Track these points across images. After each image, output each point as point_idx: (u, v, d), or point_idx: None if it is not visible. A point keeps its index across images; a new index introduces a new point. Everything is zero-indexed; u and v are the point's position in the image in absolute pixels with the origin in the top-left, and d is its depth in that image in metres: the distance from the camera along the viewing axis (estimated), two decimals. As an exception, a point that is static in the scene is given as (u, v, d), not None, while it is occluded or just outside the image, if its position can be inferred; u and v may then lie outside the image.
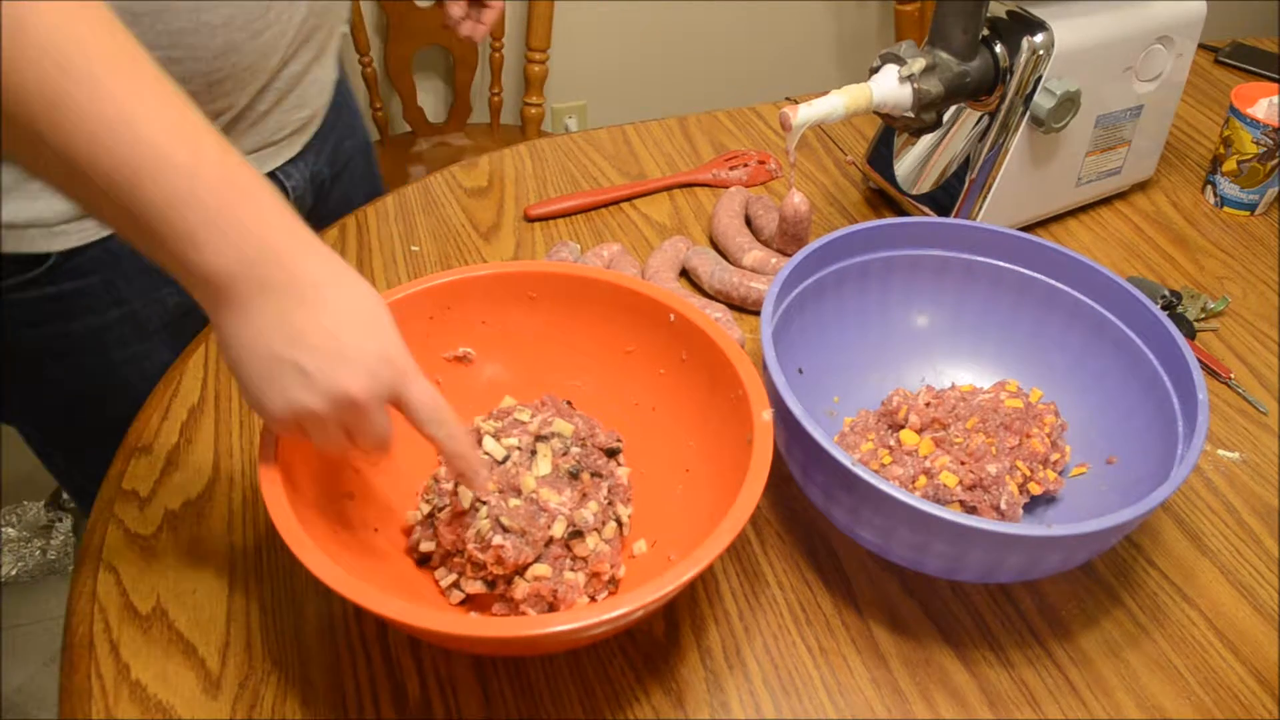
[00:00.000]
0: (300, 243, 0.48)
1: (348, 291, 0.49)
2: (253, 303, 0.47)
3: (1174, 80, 0.93)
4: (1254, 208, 0.99)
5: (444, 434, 0.53)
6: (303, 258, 0.48)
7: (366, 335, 0.49)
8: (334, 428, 0.50)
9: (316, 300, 0.48)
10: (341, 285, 0.49)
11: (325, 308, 0.48)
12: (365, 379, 0.48)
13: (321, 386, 0.48)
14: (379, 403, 0.50)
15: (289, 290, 0.47)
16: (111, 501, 0.68)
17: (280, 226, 0.47)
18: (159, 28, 0.64)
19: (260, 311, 0.47)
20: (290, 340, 0.47)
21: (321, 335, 0.48)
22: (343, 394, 0.48)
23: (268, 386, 0.48)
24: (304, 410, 0.49)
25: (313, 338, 0.48)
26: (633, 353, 0.68)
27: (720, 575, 0.65)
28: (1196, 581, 0.65)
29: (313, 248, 0.49)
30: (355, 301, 0.49)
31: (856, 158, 1.05)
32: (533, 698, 0.58)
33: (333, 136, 0.90)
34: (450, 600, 0.60)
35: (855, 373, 0.74)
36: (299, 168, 0.86)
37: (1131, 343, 0.68)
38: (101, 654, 0.59)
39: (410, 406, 0.51)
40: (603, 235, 0.94)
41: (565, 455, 0.62)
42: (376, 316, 0.50)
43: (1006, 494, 0.63)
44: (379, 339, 0.50)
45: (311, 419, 0.49)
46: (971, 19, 0.81)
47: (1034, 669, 0.60)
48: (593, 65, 2.12)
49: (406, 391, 0.50)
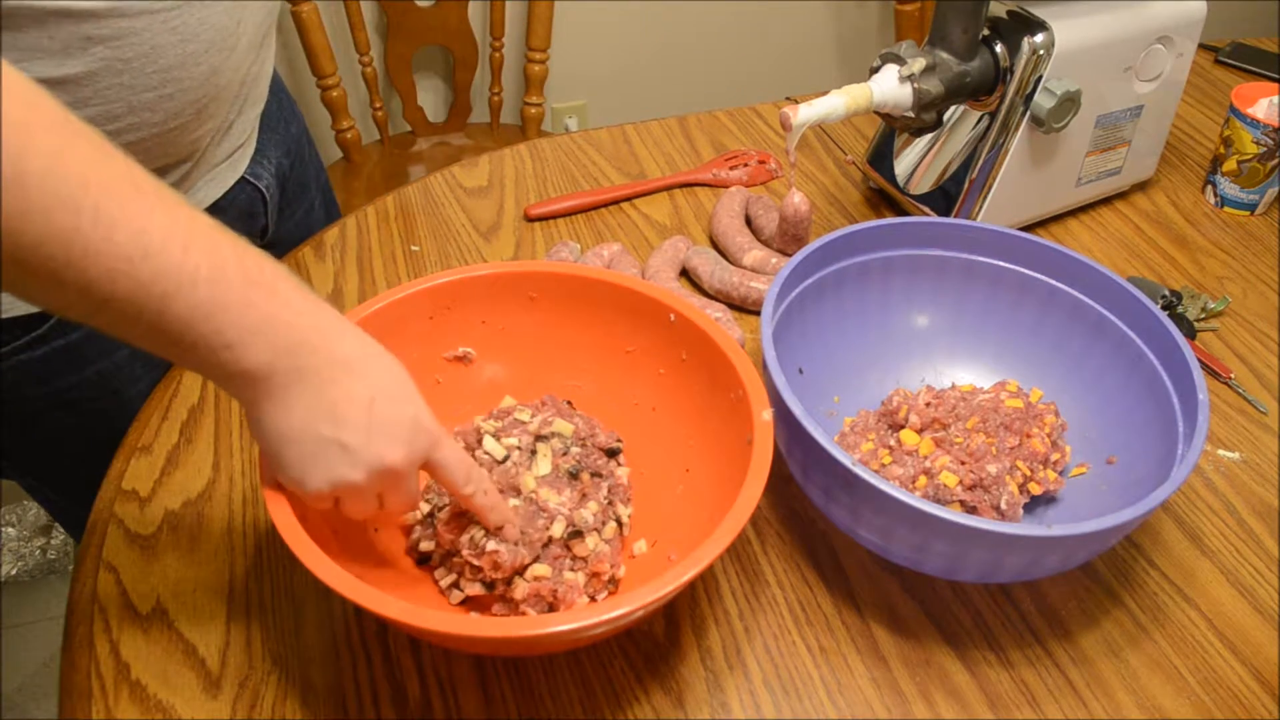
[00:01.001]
0: (328, 325, 0.50)
1: (375, 364, 0.51)
2: (290, 391, 0.48)
3: (1174, 80, 0.93)
4: (1254, 208, 0.99)
5: (475, 491, 0.55)
6: (334, 340, 0.50)
7: (399, 405, 0.51)
8: (370, 495, 0.52)
9: (350, 378, 0.50)
10: (369, 360, 0.51)
11: (359, 384, 0.50)
12: (403, 448, 0.51)
13: (363, 460, 0.50)
14: (414, 468, 0.52)
15: (323, 373, 0.49)
16: (111, 501, 0.68)
17: (307, 313, 0.49)
18: (149, 69, 0.65)
19: (299, 398, 0.49)
20: (331, 420, 0.49)
21: (359, 411, 0.49)
22: (383, 465, 0.50)
23: (311, 466, 0.50)
24: (345, 484, 0.51)
25: (351, 415, 0.49)
26: (633, 353, 0.68)
27: (720, 575, 0.65)
28: (1196, 581, 0.65)
29: (339, 327, 0.50)
30: (385, 374, 0.51)
31: (856, 158, 1.05)
32: (533, 698, 0.58)
33: (279, 125, 0.90)
34: (450, 600, 0.60)
35: (855, 373, 0.74)
36: (264, 166, 0.86)
37: (1131, 343, 0.68)
38: (101, 654, 0.59)
39: (443, 469, 0.53)
40: (603, 235, 0.94)
41: (565, 455, 0.62)
42: (405, 386, 0.52)
43: (1006, 494, 0.63)
44: (410, 407, 0.51)
45: (351, 490, 0.51)
46: (972, 19, 0.81)
47: (1034, 669, 0.60)
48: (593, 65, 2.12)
49: (438, 454, 0.53)
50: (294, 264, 0.89)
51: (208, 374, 0.49)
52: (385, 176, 1.79)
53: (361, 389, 0.50)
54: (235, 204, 0.82)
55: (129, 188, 0.43)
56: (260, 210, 0.87)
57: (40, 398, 0.74)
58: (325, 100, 1.75)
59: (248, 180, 0.83)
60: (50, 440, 0.79)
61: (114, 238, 0.42)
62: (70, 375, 0.74)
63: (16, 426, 0.76)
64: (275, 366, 0.47)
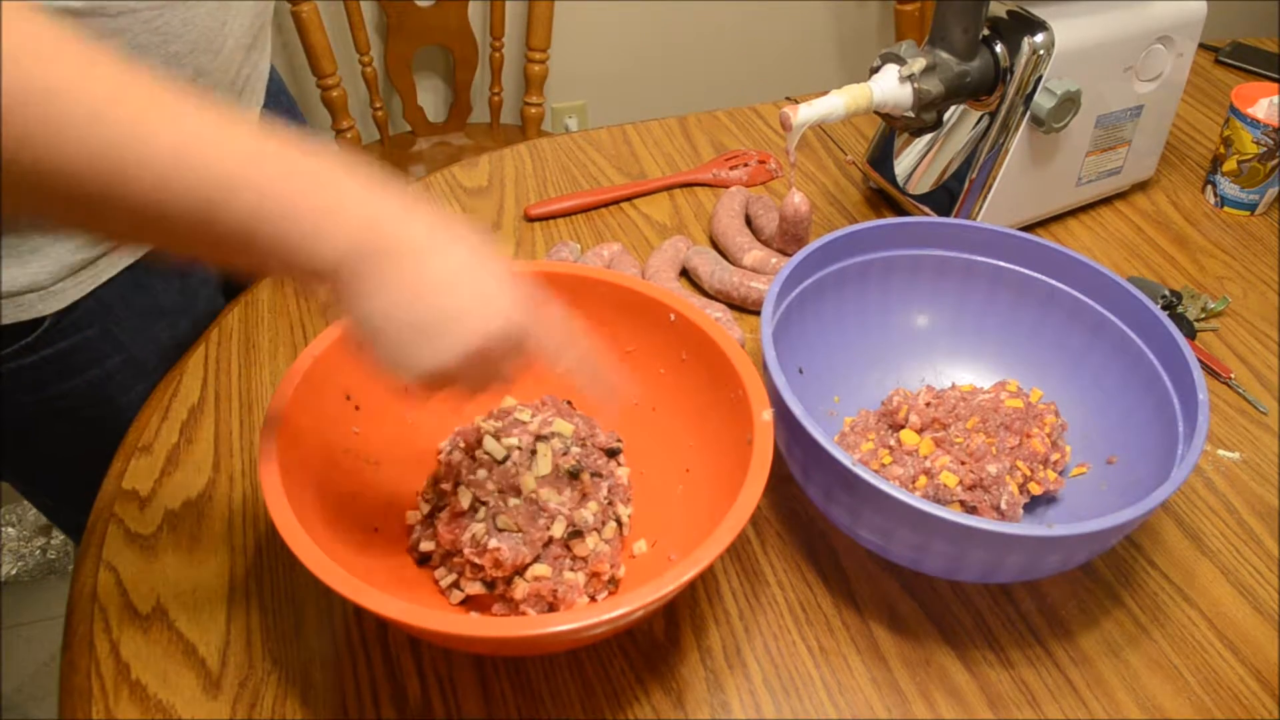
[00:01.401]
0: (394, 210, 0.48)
1: (458, 245, 0.49)
2: (379, 275, 0.47)
3: (1174, 80, 0.93)
4: (1254, 208, 0.99)
5: (572, 361, 0.53)
6: (404, 224, 0.48)
7: (488, 283, 0.49)
8: (477, 372, 0.50)
9: (427, 260, 0.48)
10: (452, 240, 0.49)
11: (437, 264, 0.48)
12: (499, 322, 0.49)
13: (462, 337, 0.48)
14: (521, 335, 0.50)
15: (400, 259, 0.47)
16: (111, 501, 0.68)
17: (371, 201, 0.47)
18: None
19: (392, 279, 0.47)
20: (427, 301, 0.47)
21: (449, 290, 0.48)
22: (481, 341, 0.48)
23: (417, 348, 0.48)
24: (445, 363, 0.49)
25: (444, 294, 0.48)
26: (633, 353, 0.68)
27: (720, 575, 0.65)
28: (1196, 581, 0.65)
29: (406, 210, 0.48)
30: (469, 254, 0.49)
31: (856, 158, 1.05)
32: (533, 698, 0.58)
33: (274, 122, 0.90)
34: (450, 600, 0.60)
35: (855, 373, 0.74)
36: None
37: (1131, 343, 0.68)
38: (101, 654, 0.59)
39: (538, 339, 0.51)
40: (603, 235, 0.94)
41: (565, 455, 0.62)
42: (484, 260, 0.50)
43: (1006, 494, 0.63)
44: (492, 280, 0.49)
45: (452, 369, 0.49)
46: (972, 19, 0.81)
47: (1034, 669, 0.60)
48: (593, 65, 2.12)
49: (532, 326, 0.51)
50: (294, 264, 0.89)
51: (287, 273, 0.47)
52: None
53: (449, 268, 0.48)
54: None
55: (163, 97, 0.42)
56: None
57: (33, 405, 0.74)
58: (325, 100, 1.75)
59: None
60: (45, 447, 0.79)
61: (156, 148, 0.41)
62: (61, 383, 0.74)
63: (11, 433, 0.76)
64: (355, 253, 0.46)
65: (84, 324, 0.72)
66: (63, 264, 0.68)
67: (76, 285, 0.70)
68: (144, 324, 0.77)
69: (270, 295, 0.85)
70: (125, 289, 0.74)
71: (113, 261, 0.72)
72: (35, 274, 0.67)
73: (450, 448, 0.65)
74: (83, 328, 0.72)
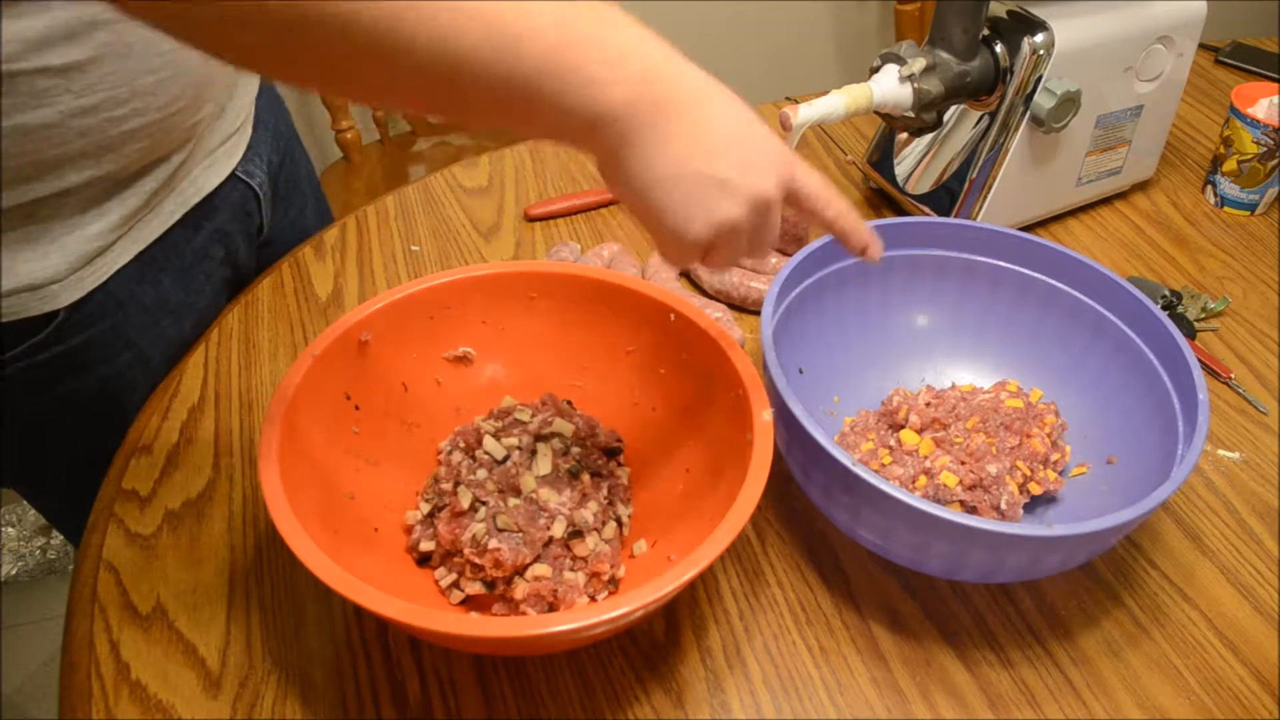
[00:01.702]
0: (675, 59, 0.48)
1: (728, 99, 0.50)
2: (657, 128, 0.47)
3: (1174, 80, 0.93)
4: (1254, 208, 0.99)
5: (835, 213, 0.54)
6: (686, 73, 0.48)
7: (760, 137, 0.50)
8: (745, 235, 0.51)
9: (711, 110, 0.48)
10: (722, 94, 0.49)
11: (721, 116, 0.48)
12: (774, 176, 0.50)
13: (745, 194, 0.49)
14: (782, 197, 0.51)
15: (687, 107, 0.47)
16: (111, 501, 0.68)
17: (656, 48, 0.47)
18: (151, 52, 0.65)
19: (669, 134, 0.47)
20: (707, 155, 0.48)
21: (729, 144, 0.48)
22: (762, 197, 0.49)
23: (694, 206, 0.49)
24: (727, 222, 0.49)
25: (724, 148, 0.48)
26: (633, 353, 0.68)
27: (720, 575, 0.65)
28: (1196, 581, 0.65)
29: (682, 61, 0.48)
30: (739, 108, 0.50)
31: (856, 158, 1.05)
32: (533, 698, 0.58)
33: (270, 121, 0.90)
34: (450, 600, 0.60)
35: (855, 373, 0.74)
36: (256, 164, 0.86)
37: (1131, 343, 0.68)
38: (101, 654, 0.59)
39: (803, 193, 0.53)
40: (603, 235, 0.94)
41: (565, 455, 0.62)
42: (756, 119, 0.50)
43: (1006, 494, 0.63)
44: (767, 137, 0.50)
45: (731, 230, 0.50)
46: (972, 19, 0.81)
47: (1034, 669, 0.60)
48: (593, 65, 2.11)
49: (798, 180, 0.52)
50: (294, 264, 0.89)
51: (560, 127, 0.46)
52: (385, 176, 1.79)
53: (725, 121, 0.48)
54: (229, 202, 0.82)
55: None
56: (255, 208, 0.87)
57: (42, 405, 0.74)
58: (325, 100, 1.75)
59: (240, 178, 0.83)
60: (53, 448, 0.79)
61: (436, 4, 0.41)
62: (72, 381, 0.74)
63: (20, 436, 0.76)
64: (639, 103, 0.46)
65: (95, 319, 0.72)
66: (79, 253, 0.69)
67: (93, 273, 0.71)
68: (150, 319, 0.77)
69: (270, 295, 0.85)
70: (134, 284, 0.74)
71: (125, 247, 0.72)
72: (56, 265, 0.68)
73: (450, 448, 0.65)
74: (94, 324, 0.72)
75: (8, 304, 0.67)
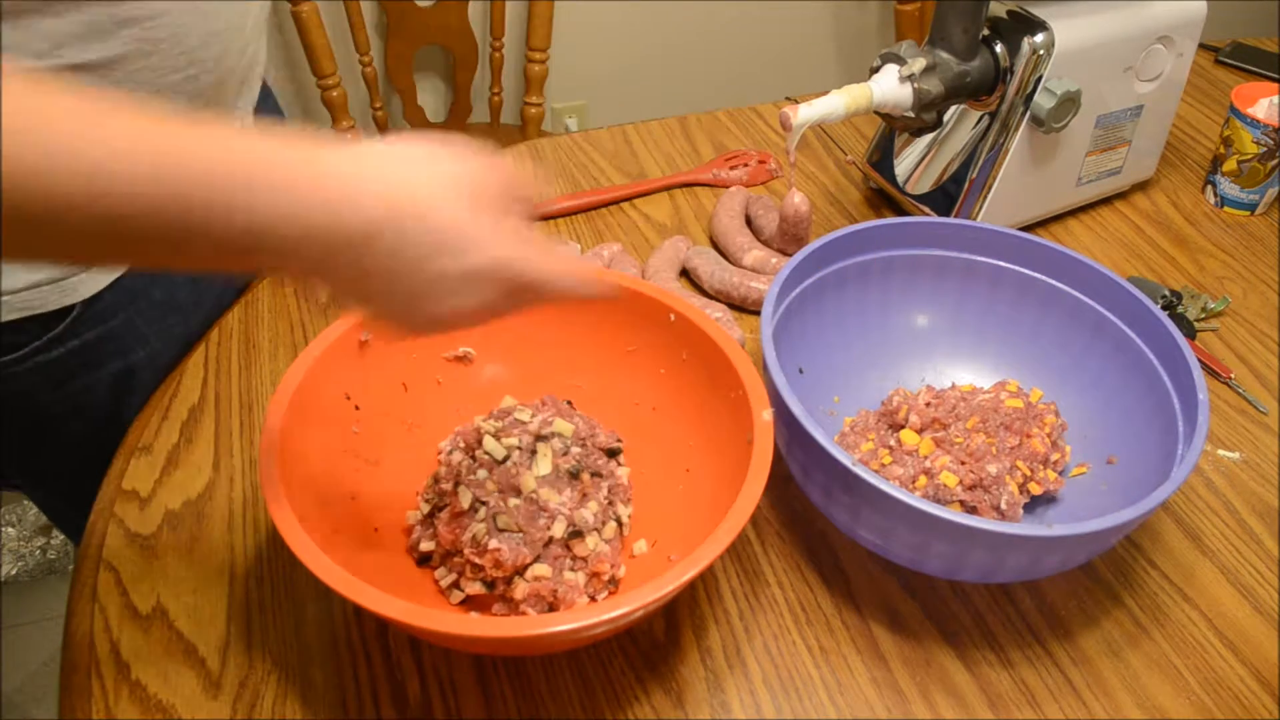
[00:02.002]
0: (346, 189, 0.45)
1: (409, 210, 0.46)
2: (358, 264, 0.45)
3: (1174, 80, 0.93)
4: (1254, 208, 0.99)
5: (564, 285, 0.50)
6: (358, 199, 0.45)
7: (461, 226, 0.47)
8: (507, 301, 0.49)
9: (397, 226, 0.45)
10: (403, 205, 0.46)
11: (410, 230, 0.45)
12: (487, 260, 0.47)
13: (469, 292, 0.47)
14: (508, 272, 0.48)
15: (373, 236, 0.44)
16: (111, 501, 0.68)
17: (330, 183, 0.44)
18: (176, 51, 0.65)
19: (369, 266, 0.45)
20: (413, 268, 0.46)
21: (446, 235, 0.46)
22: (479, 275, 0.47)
23: (419, 314, 0.47)
24: (473, 306, 0.47)
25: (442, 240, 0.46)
26: (633, 353, 0.68)
27: (720, 575, 0.65)
28: (1196, 581, 0.65)
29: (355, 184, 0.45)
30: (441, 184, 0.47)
31: (856, 158, 1.05)
32: (533, 698, 0.58)
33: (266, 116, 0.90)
34: (450, 600, 0.60)
35: (855, 373, 0.74)
36: None
37: (1131, 343, 0.68)
38: (101, 654, 0.59)
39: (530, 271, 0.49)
40: (603, 235, 0.94)
41: (565, 455, 0.62)
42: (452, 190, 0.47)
43: (1006, 494, 0.63)
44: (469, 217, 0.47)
45: (488, 304, 0.48)
46: (972, 18, 0.81)
47: (1034, 669, 0.60)
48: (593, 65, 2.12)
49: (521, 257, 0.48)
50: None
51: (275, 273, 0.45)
52: (385, 176, 1.79)
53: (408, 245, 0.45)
54: None
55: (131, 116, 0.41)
56: None
57: (54, 403, 0.74)
58: (325, 100, 1.75)
59: None
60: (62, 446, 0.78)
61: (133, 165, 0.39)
62: (86, 376, 0.74)
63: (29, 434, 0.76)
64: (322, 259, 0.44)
65: (110, 313, 0.73)
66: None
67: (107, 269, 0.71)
68: (160, 314, 0.77)
69: (270, 295, 0.85)
70: (146, 280, 0.74)
71: None
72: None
73: (450, 448, 0.65)
74: (108, 317, 0.73)
75: (29, 296, 0.67)
